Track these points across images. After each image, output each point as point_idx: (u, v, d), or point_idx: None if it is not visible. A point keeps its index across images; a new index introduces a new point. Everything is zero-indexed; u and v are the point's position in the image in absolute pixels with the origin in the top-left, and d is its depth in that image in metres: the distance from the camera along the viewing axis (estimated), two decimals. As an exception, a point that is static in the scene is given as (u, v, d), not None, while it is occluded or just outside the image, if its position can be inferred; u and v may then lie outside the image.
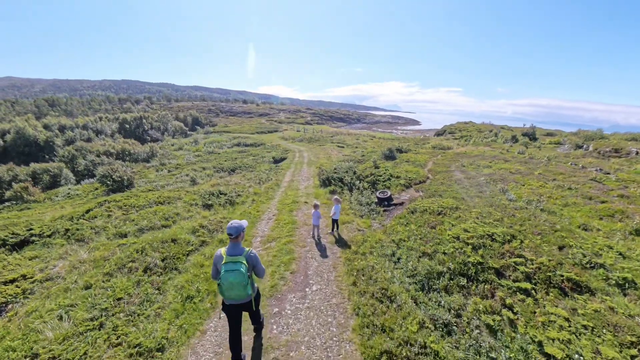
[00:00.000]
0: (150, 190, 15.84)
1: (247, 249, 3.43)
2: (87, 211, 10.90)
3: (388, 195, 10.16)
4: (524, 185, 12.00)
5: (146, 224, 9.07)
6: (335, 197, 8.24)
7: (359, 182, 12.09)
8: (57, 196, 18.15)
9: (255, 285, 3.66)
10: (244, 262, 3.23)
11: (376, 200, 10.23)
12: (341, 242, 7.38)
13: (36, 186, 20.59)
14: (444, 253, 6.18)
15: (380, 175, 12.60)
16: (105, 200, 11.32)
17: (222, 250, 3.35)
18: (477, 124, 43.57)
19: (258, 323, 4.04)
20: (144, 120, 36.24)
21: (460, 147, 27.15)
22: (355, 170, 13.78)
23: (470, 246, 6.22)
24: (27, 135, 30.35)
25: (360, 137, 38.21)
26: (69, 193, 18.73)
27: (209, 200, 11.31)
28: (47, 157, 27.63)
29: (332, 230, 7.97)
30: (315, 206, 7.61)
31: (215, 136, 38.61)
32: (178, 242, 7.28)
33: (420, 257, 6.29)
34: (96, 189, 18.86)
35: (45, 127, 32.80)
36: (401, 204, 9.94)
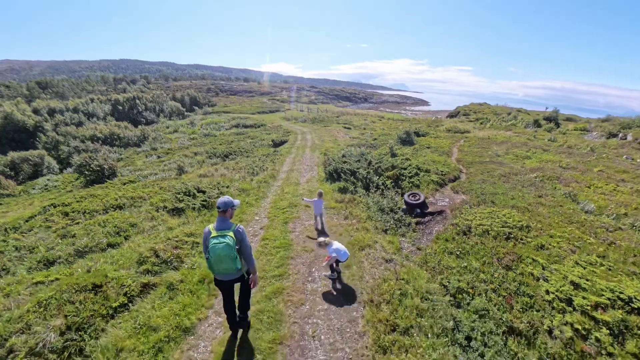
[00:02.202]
0: (131, 181, 13.20)
1: (236, 224, 3.24)
2: (29, 218, 8.21)
3: (421, 199, 7.10)
4: (589, 188, 8.84)
5: (86, 243, 6.31)
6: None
7: (377, 177, 8.95)
8: (34, 188, 15.58)
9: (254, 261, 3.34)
10: (232, 235, 3.07)
11: (404, 206, 7.20)
12: (359, 290, 4.47)
13: (17, 177, 18.07)
14: (550, 333, 3.25)
15: (405, 169, 9.43)
16: (51, 204, 8.54)
17: (211, 225, 3.22)
18: (492, 106, 39.57)
19: (244, 313, 3.71)
20: (138, 101, 32.76)
21: (477, 130, 23.79)
22: (369, 159, 10.61)
23: (605, 328, 3.26)
24: (15, 120, 27.44)
25: (368, 118, 34.31)
26: (46, 185, 16.11)
27: (181, 201, 8.43)
28: (36, 143, 24.98)
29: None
30: (320, 195, 6.61)
31: (213, 117, 35.16)
32: (104, 289, 4.47)
33: (505, 335, 3.39)
34: (77, 179, 16.26)
35: (35, 111, 29.70)
36: (440, 212, 6.90)
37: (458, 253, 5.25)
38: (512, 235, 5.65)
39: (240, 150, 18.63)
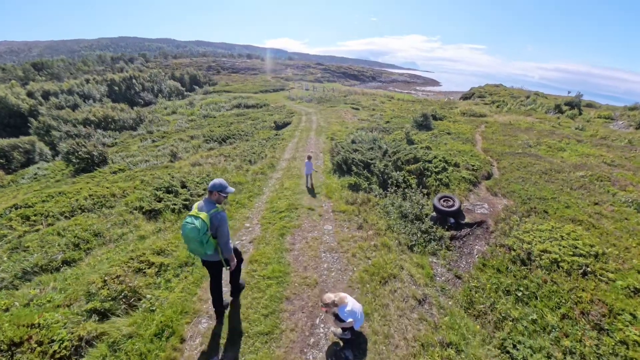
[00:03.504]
0: (121, 169, 11.85)
1: (218, 208, 3.05)
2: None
3: (456, 206, 5.41)
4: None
5: (37, 260, 4.96)
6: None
7: (396, 171, 7.17)
8: (23, 178, 14.42)
9: (231, 246, 3.17)
10: (205, 219, 2.91)
11: (432, 212, 5.53)
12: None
13: (9, 166, 16.96)
14: None
15: (430, 161, 7.60)
16: (14, 206, 7.19)
17: (197, 203, 3.12)
18: (509, 88, 36.36)
19: (235, 286, 3.76)
20: (134, 81, 30.65)
21: (495, 114, 21.38)
22: (383, 147, 8.77)
23: None
24: (10, 104, 26.03)
25: (377, 98, 31.53)
26: (36, 174, 14.91)
27: (160, 200, 6.97)
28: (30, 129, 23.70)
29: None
30: (309, 158, 7.48)
31: (214, 97, 32.96)
32: (24, 348, 3.10)
33: None
34: (67, 166, 15.03)
35: (29, 94, 28.09)
36: (479, 224, 5.24)
37: (519, 295, 3.66)
38: (589, 269, 4.01)
39: (240, 133, 16.94)
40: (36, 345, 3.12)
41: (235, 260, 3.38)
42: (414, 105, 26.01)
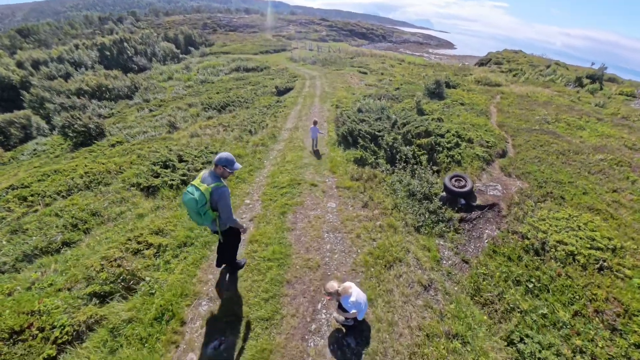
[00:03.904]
0: (119, 142, 11.63)
1: (221, 183, 2.96)
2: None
3: (468, 187, 5.05)
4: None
5: (37, 243, 4.98)
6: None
7: (406, 146, 6.65)
8: (23, 154, 14.38)
9: (235, 218, 3.13)
10: (205, 192, 2.87)
11: (442, 192, 5.19)
12: (391, 356, 2.91)
13: (7, 142, 16.82)
14: None
15: (442, 136, 7.01)
16: (10, 186, 7.11)
17: (202, 172, 3.07)
18: (529, 55, 33.02)
19: (228, 262, 3.75)
20: (126, 44, 28.80)
21: (511, 84, 19.71)
22: (392, 117, 8.12)
23: None
24: (0, 77, 25.13)
25: (387, 60, 29.13)
26: (35, 150, 14.81)
27: (158, 176, 6.80)
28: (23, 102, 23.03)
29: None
30: (314, 123, 7.80)
31: (211, 59, 31.09)
32: (25, 336, 3.15)
33: None
34: (66, 141, 14.86)
35: (19, 65, 26.80)
36: (491, 206, 4.91)
37: (530, 286, 3.47)
38: (605, 264, 3.73)
39: (239, 100, 16.18)
40: (37, 331, 3.15)
41: (245, 227, 3.38)
42: (425, 70, 24.12)
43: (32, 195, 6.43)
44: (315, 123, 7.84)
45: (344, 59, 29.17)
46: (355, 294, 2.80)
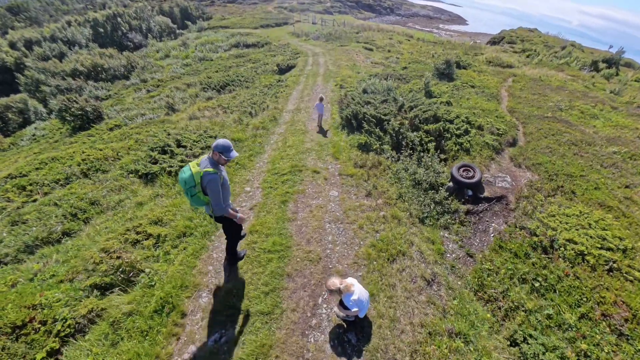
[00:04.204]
0: (117, 125, 11.45)
1: (212, 169, 2.91)
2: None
3: (476, 178, 4.84)
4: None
5: (37, 234, 5.00)
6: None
7: (412, 131, 6.32)
8: (22, 140, 14.30)
9: (225, 206, 3.10)
10: (195, 175, 2.89)
11: (449, 182, 4.98)
12: (392, 354, 2.88)
13: (7, 128, 16.67)
14: None
15: (452, 122, 6.62)
16: (8, 175, 7.06)
17: (203, 156, 3.09)
18: (544, 35, 30.60)
19: (228, 251, 3.69)
20: (120, 19, 27.58)
21: (524, 65, 18.57)
22: (398, 100, 7.69)
23: None
24: None
25: (394, 36, 27.44)
26: (34, 135, 14.69)
27: (156, 162, 6.69)
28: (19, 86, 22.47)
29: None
30: (320, 99, 7.92)
31: (209, 35, 29.77)
32: (27, 330, 3.20)
33: None
34: (64, 125, 14.70)
35: (11, 45, 25.97)
36: (499, 199, 4.72)
37: (536, 285, 3.36)
38: (615, 265, 3.56)
39: (239, 79, 15.63)
40: (40, 325, 3.20)
41: (239, 217, 3.31)
42: (435, 48, 22.76)
43: (30, 185, 6.39)
44: (321, 99, 7.94)
45: (349, 33, 27.66)
46: (358, 291, 2.72)
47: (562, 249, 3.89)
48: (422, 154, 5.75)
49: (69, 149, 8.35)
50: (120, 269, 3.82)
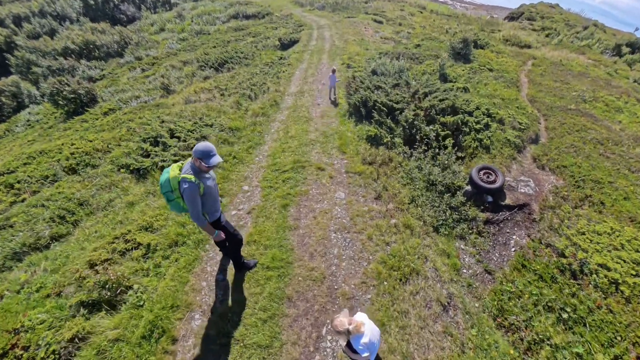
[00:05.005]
0: (111, 109, 10.95)
1: (190, 176, 2.56)
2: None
3: (499, 183, 4.29)
4: None
5: (24, 239, 4.72)
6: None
7: (428, 125, 5.59)
8: (17, 126, 13.87)
9: (202, 220, 2.77)
10: (172, 180, 2.62)
11: (467, 185, 4.42)
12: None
13: (1, 113, 16.18)
14: None
15: (470, 114, 5.83)
16: None
17: (184, 162, 2.80)
18: (565, 12, 27.46)
19: (231, 258, 3.49)
20: (110, -13, 25.86)
21: (543, 46, 16.91)
22: (412, 84, 6.86)
23: None
24: None
25: (406, 7, 25.00)
26: (28, 120, 14.20)
27: (148, 155, 6.25)
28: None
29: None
30: (333, 71, 8.03)
31: (206, 4, 27.76)
32: (9, 357, 2.98)
33: None
34: (58, 109, 14.15)
35: (0, 22, 24.76)
36: (521, 207, 4.17)
37: (565, 316, 2.94)
38: None
39: (238, 55, 14.62)
40: (22, 351, 2.96)
41: (216, 234, 2.95)
42: (449, 22, 20.78)
43: (18, 182, 6.04)
44: (334, 71, 7.99)
45: (357, 3, 25.44)
46: (369, 331, 2.34)
47: (594, 275, 3.43)
48: (438, 150, 5.12)
49: (59, 139, 7.93)
50: (107, 286, 3.52)
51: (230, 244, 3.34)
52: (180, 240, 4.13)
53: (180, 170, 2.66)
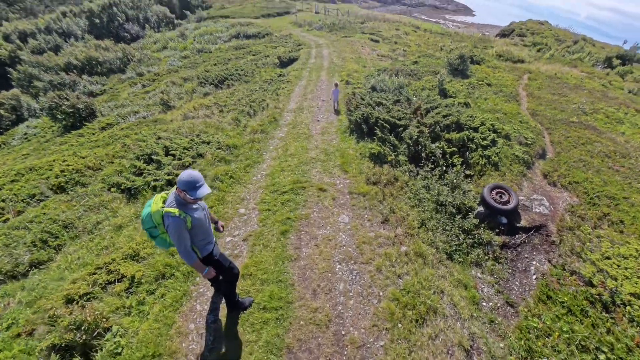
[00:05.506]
0: (109, 124, 10.69)
1: (172, 211, 2.24)
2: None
3: (512, 204, 3.99)
4: None
5: (2, 265, 4.26)
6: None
7: (433, 142, 5.31)
8: (14, 139, 13.56)
9: (192, 256, 2.44)
10: (154, 214, 2.32)
11: (478, 206, 4.08)
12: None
13: (0, 125, 15.94)
14: None
15: (476, 129, 5.60)
16: None
17: (170, 192, 2.48)
18: (554, 28, 28.69)
19: (224, 296, 3.08)
20: (116, 9, 26.26)
21: (536, 60, 17.35)
22: (414, 100, 6.67)
23: None
24: None
25: (401, 27, 25.74)
26: (26, 133, 13.92)
27: (141, 174, 5.88)
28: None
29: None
30: (336, 85, 8.40)
31: (208, 25, 28.35)
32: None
33: None
34: (56, 123, 13.90)
35: (5, 37, 24.88)
36: (538, 228, 3.83)
37: (603, 358, 2.59)
38: None
39: (239, 72, 14.62)
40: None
41: (206, 272, 2.59)
42: (443, 39, 21.29)
43: (3, 201, 5.63)
44: (336, 85, 8.38)
45: (354, 23, 26.07)
46: None
47: (627, 307, 3.03)
48: (445, 168, 4.80)
49: (52, 155, 7.58)
50: (83, 327, 3.05)
51: (225, 280, 2.93)
52: (168, 272, 3.70)
53: (163, 202, 2.34)
